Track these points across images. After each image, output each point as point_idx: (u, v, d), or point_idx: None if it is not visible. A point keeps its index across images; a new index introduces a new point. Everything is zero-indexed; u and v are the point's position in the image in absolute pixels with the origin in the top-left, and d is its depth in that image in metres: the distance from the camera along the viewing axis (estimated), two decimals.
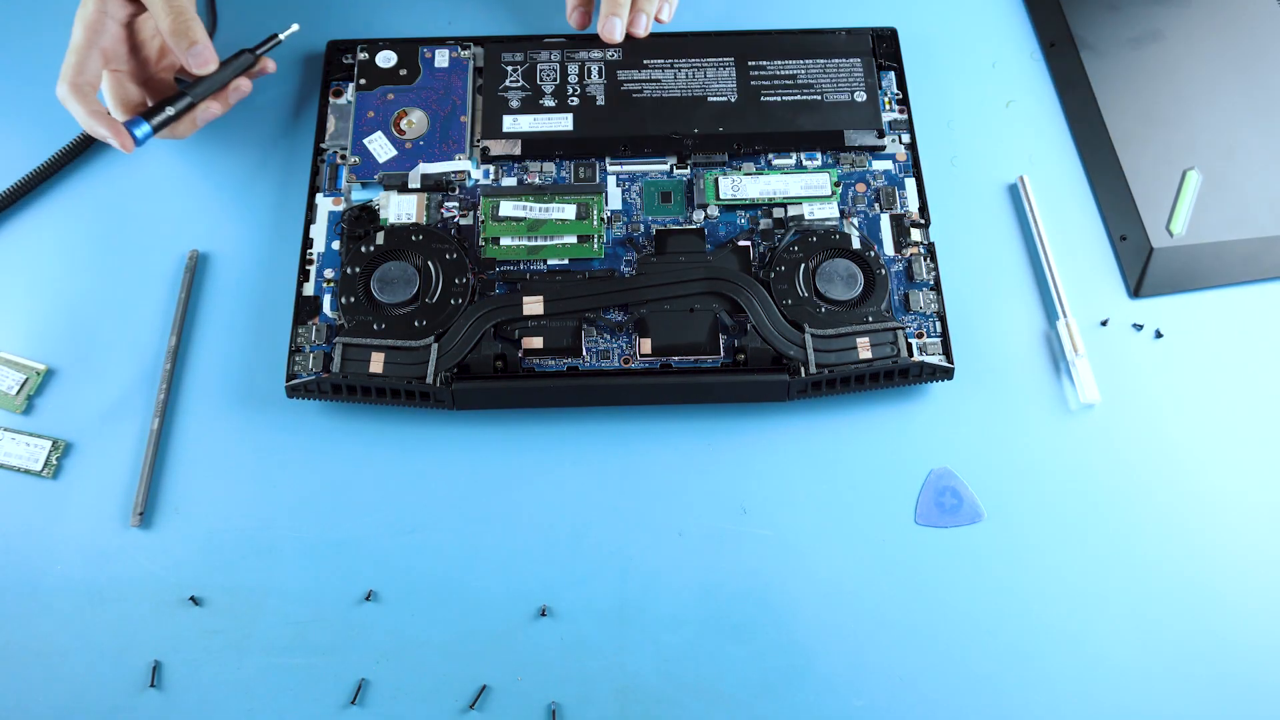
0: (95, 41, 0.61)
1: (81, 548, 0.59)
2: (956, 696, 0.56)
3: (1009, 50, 0.74)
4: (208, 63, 0.62)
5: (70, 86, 0.60)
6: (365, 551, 0.59)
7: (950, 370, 0.61)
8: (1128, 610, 0.58)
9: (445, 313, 0.61)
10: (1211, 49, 0.71)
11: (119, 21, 0.62)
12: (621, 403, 0.62)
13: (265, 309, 0.65)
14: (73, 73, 0.60)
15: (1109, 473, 0.61)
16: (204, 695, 0.55)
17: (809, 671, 0.56)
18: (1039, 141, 0.71)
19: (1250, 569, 0.59)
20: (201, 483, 0.60)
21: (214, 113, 0.65)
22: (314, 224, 0.65)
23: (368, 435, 0.62)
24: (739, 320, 0.62)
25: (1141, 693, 0.56)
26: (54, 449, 0.61)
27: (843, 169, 0.67)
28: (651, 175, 0.67)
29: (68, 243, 0.67)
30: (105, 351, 0.64)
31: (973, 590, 0.58)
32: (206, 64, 0.62)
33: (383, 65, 0.69)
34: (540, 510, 0.60)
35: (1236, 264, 0.66)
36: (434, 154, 0.67)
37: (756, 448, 0.61)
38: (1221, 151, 0.68)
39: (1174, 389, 0.63)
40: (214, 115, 0.65)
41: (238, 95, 0.66)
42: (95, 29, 0.61)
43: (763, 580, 0.58)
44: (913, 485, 0.61)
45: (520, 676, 0.56)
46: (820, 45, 0.70)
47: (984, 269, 0.66)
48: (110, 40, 0.62)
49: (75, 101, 0.60)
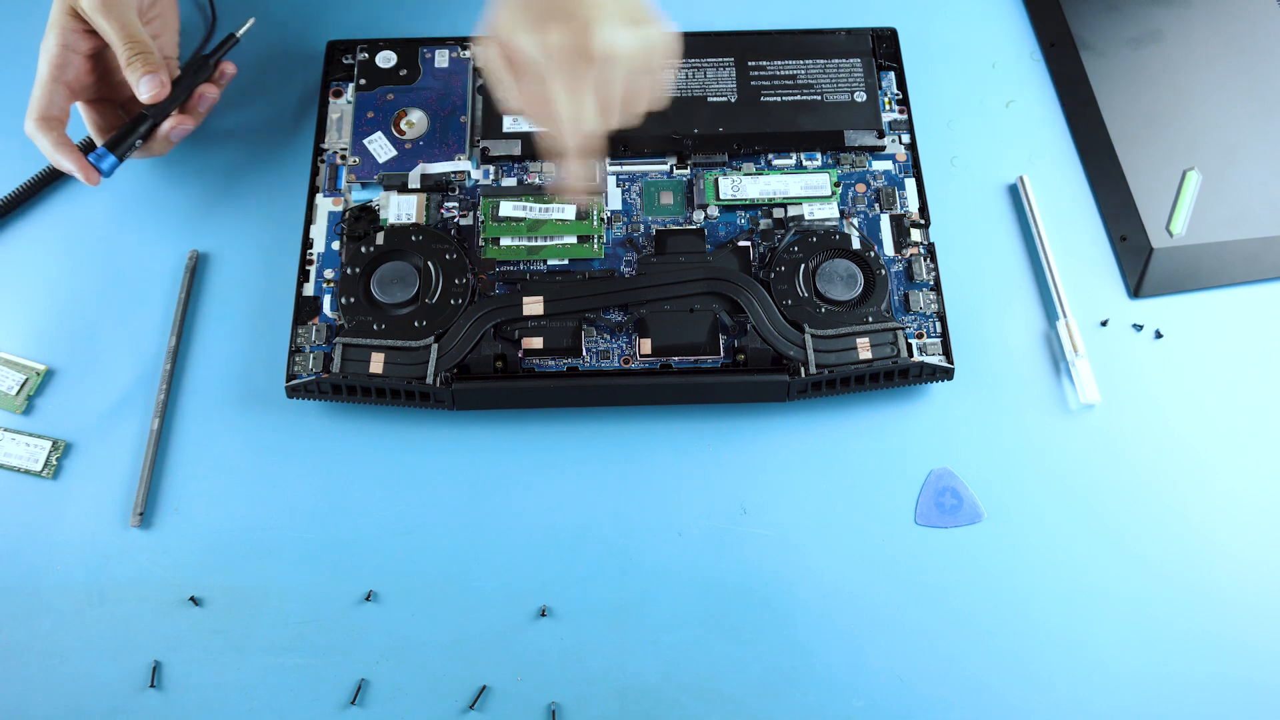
0: (60, 76, 0.61)
1: (81, 548, 0.59)
2: (956, 696, 0.56)
3: (1009, 50, 0.74)
4: (158, 95, 0.62)
5: (37, 122, 0.61)
6: (365, 551, 0.59)
7: (950, 370, 0.61)
8: (1128, 610, 0.58)
9: (445, 313, 0.61)
10: (1211, 49, 0.71)
11: (82, 54, 0.62)
12: (621, 403, 0.62)
13: (265, 309, 0.65)
14: (40, 109, 0.61)
15: (1109, 473, 0.61)
16: (204, 695, 0.55)
17: (809, 671, 0.56)
18: (1039, 141, 0.71)
19: (1250, 569, 0.59)
20: (201, 483, 0.60)
21: (186, 128, 0.64)
22: (314, 224, 0.65)
23: (368, 435, 0.62)
24: (739, 320, 0.62)
25: (1141, 693, 0.56)
26: (54, 449, 0.61)
27: (843, 169, 0.67)
28: (651, 175, 0.67)
29: (68, 243, 0.67)
30: (105, 351, 0.64)
31: (972, 590, 0.58)
32: (157, 96, 0.62)
33: (383, 65, 0.69)
34: (540, 510, 0.60)
35: (1236, 264, 0.66)
36: (434, 154, 0.67)
37: (756, 448, 0.61)
38: (1221, 151, 0.68)
39: (1174, 389, 0.63)
40: (187, 131, 0.64)
41: (206, 104, 0.65)
42: (59, 64, 0.61)
43: (763, 580, 0.58)
44: (913, 485, 0.61)
45: (520, 677, 0.56)
46: (820, 45, 0.70)
47: (984, 269, 0.66)
48: (75, 74, 0.62)
49: (41, 135, 0.61)
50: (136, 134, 0.63)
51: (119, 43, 0.61)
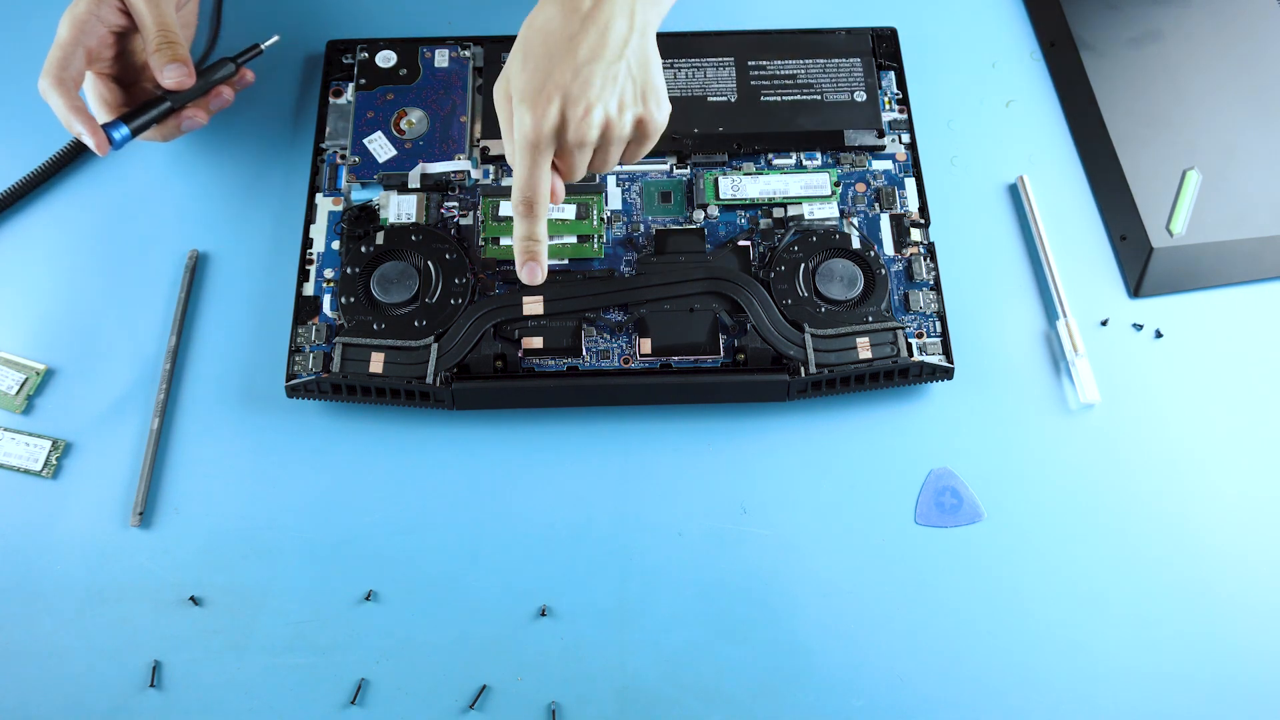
0: (81, 40, 0.61)
1: (81, 548, 0.59)
2: (956, 696, 0.56)
3: (1009, 50, 0.74)
4: (183, 83, 0.62)
5: (53, 80, 0.60)
6: (365, 551, 0.59)
7: (950, 370, 0.61)
8: (1127, 610, 0.58)
9: (445, 313, 0.61)
10: (1211, 49, 0.71)
11: (108, 27, 0.62)
12: (621, 403, 0.62)
13: (265, 309, 0.65)
14: (56, 67, 0.60)
15: (1109, 473, 0.61)
16: (204, 695, 0.55)
17: (809, 671, 0.56)
18: (1039, 141, 0.71)
19: (1250, 569, 0.59)
20: (201, 483, 0.60)
21: (198, 122, 0.65)
22: (314, 224, 0.65)
23: (368, 435, 0.62)
24: (739, 320, 0.62)
25: (1141, 693, 0.56)
26: (54, 449, 0.61)
27: (843, 169, 0.67)
28: (651, 175, 0.67)
29: (68, 243, 0.67)
30: (105, 351, 0.64)
31: (972, 590, 0.58)
32: (181, 84, 0.62)
33: (383, 65, 0.69)
34: (540, 510, 0.60)
35: (1236, 264, 0.66)
36: (434, 154, 0.67)
37: (756, 448, 0.61)
38: (1221, 151, 0.68)
39: (1174, 389, 0.63)
40: (198, 124, 0.65)
41: (219, 103, 0.66)
42: (83, 28, 0.61)
43: (763, 580, 0.58)
44: (913, 485, 0.61)
45: (520, 676, 0.56)
46: (820, 45, 0.70)
47: (984, 269, 0.66)
48: (96, 41, 0.62)
49: (56, 95, 0.60)
50: (155, 113, 0.63)
51: (152, 27, 0.61)
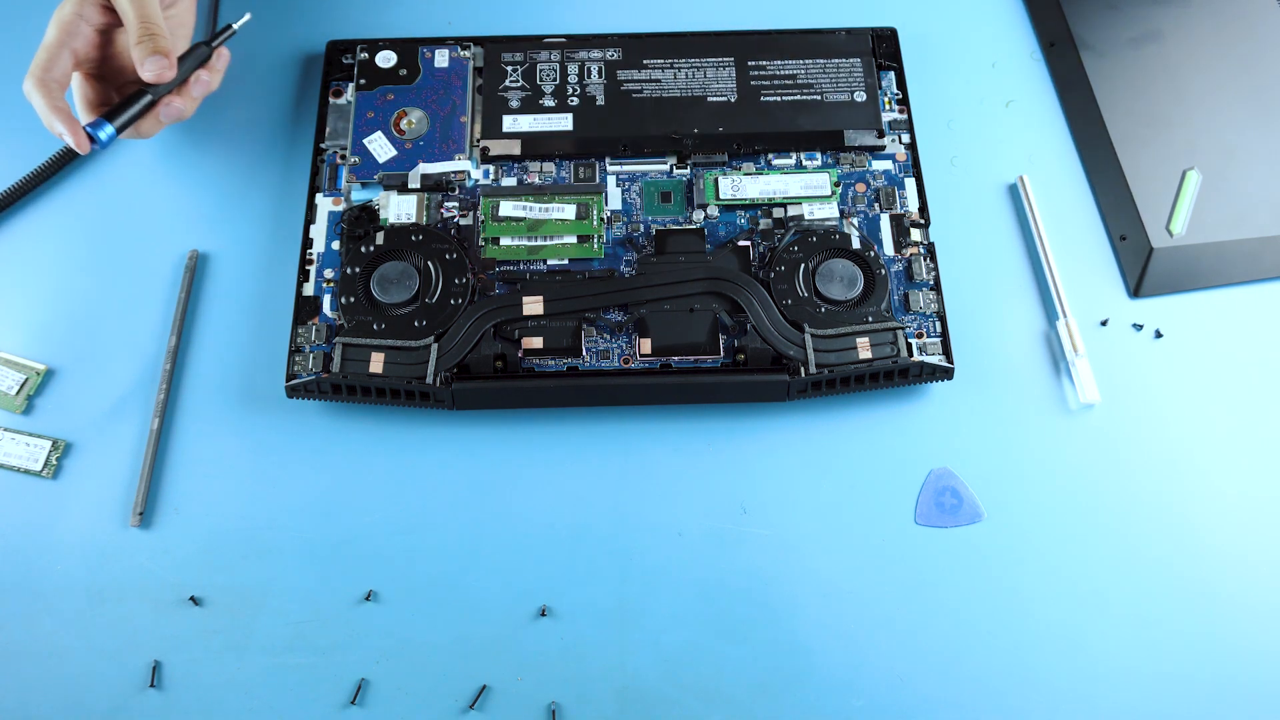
0: (66, 41, 0.61)
1: (81, 548, 0.59)
2: (956, 696, 0.56)
3: (1009, 50, 0.74)
4: (162, 77, 0.61)
5: (36, 81, 0.60)
6: (365, 551, 0.59)
7: (950, 370, 0.61)
8: (1127, 610, 0.58)
9: (445, 313, 0.61)
10: (1211, 49, 0.71)
11: (94, 27, 0.62)
12: (621, 403, 0.62)
13: (265, 309, 0.65)
14: (40, 68, 0.60)
15: (1109, 473, 0.61)
16: (204, 695, 0.55)
17: (809, 671, 0.56)
18: (1039, 141, 0.71)
19: (1250, 569, 0.59)
20: (201, 483, 0.60)
21: (179, 110, 0.63)
22: (314, 224, 0.65)
23: (368, 435, 0.62)
24: (739, 320, 0.62)
25: (1141, 693, 0.56)
26: (54, 449, 0.61)
27: (842, 169, 0.67)
28: (651, 175, 0.67)
29: (68, 243, 0.67)
30: (105, 351, 0.64)
31: (972, 590, 0.58)
32: (161, 77, 0.62)
33: (383, 65, 0.69)
34: (540, 510, 0.60)
35: (1236, 264, 0.66)
36: (434, 154, 0.67)
37: (756, 448, 0.61)
38: (1221, 151, 0.68)
39: (1174, 389, 0.63)
40: (179, 114, 0.64)
41: (202, 89, 0.65)
42: (68, 29, 0.61)
43: (762, 580, 0.58)
44: (913, 485, 0.61)
45: (520, 677, 0.56)
46: (820, 45, 0.70)
47: (984, 269, 0.66)
48: (82, 43, 0.61)
49: (38, 95, 0.60)
50: (137, 107, 0.62)
51: (134, 20, 0.61)
